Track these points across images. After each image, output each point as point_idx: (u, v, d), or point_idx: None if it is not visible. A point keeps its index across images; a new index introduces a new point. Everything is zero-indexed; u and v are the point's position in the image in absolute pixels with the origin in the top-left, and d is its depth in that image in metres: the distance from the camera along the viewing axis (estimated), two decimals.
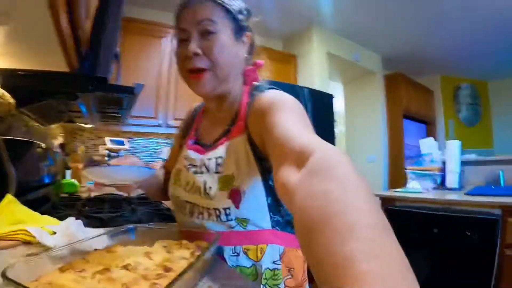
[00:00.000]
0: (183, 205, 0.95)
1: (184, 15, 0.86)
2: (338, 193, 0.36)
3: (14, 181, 1.32)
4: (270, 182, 0.84)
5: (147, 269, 0.62)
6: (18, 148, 1.49)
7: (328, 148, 0.49)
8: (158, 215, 1.51)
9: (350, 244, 0.30)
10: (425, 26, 4.45)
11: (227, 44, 0.86)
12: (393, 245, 0.31)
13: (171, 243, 0.79)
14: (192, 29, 0.85)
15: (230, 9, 0.87)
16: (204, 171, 0.89)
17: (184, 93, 3.59)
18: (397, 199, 2.76)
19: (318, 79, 4.47)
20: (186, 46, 0.85)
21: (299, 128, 0.65)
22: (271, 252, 0.85)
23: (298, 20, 4.44)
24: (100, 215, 1.38)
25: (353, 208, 0.34)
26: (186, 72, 0.88)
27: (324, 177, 0.40)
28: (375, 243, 0.30)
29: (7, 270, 0.52)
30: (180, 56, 0.88)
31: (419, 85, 6.29)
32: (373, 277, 0.27)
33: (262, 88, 0.91)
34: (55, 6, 0.76)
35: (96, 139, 3.76)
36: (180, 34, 0.88)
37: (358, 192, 0.37)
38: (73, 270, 0.60)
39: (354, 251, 0.29)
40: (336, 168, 0.41)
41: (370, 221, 0.32)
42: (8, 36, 1.08)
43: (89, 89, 1.29)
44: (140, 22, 3.55)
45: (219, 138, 0.93)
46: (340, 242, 0.30)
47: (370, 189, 0.38)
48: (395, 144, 5.56)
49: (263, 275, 0.83)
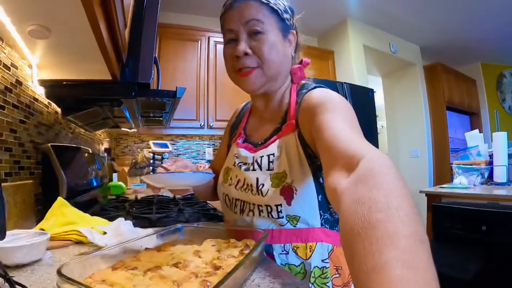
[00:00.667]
0: (233, 203, 0.95)
1: (230, 16, 0.87)
2: (383, 201, 0.38)
3: (64, 184, 1.39)
4: (320, 180, 0.84)
5: (197, 267, 0.63)
6: (66, 153, 1.56)
7: (375, 154, 0.51)
8: (204, 215, 1.54)
9: (389, 251, 0.32)
10: (462, 12, 4.23)
11: (275, 44, 0.86)
12: (427, 256, 0.32)
13: (220, 242, 0.80)
14: (239, 29, 0.86)
15: (276, 8, 0.87)
16: (256, 168, 0.90)
17: (225, 94, 3.65)
18: (443, 195, 2.65)
19: (356, 74, 4.38)
20: (235, 46, 0.86)
21: (347, 130, 0.66)
22: (320, 250, 0.84)
23: (331, 15, 4.37)
24: (148, 215, 1.42)
25: (395, 218, 0.35)
26: (235, 71, 0.89)
27: (371, 184, 0.42)
28: (411, 254, 0.31)
29: (63, 267, 0.53)
30: (229, 56, 0.89)
31: (461, 74, 5.98)
32: (405, 283, 0.28)
33: (309, 86, 0.92)
34: (93, 16, 0.78)
35: (140, 142, 3.90)
36: (228, 35, 0.89)
37: (402, 201, 0.38)
38: (125, 268, 0.62)
39: (391, 259, 0.31)
40: (382, 175, 0.43)
41: (409, 231, 0.34)
42: (50, 49, 1.13)
43: (132, 95, 1.33)
44: (176, 27, 3.63)
45: (269, 137, 0.93)
46: (379, 249, 0.32)
47: (411, 196, 0.40)
48: (439, 138, 5.33)
49: (312, 273, 0.82)
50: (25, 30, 0.97)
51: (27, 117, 1.31)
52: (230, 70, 0.92)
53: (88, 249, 0.92)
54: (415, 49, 5.44)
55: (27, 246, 0.75)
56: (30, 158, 1.33)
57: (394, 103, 5.83)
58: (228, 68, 0.92)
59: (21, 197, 1.18)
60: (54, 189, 1.37)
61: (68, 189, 1.41)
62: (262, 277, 0.67)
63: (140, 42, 1.34)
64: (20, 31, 1.02)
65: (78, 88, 1.31)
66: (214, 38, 3.74)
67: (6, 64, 1.15)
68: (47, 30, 0.96)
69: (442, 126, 5.32)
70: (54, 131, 1.65)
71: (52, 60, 1.24)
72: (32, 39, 1.03)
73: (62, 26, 0.96)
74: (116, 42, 1.05)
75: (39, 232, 0.88)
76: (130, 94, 1.32)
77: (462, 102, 5.83)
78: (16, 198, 1.14)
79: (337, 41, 4.66)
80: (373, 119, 3.80)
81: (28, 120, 1.33)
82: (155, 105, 1.66)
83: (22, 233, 0.85)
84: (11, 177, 1.17)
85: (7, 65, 1.15)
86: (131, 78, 1.31)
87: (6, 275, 0.58)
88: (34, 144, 1.38)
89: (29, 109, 1.33)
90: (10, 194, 1.10)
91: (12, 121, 1.19)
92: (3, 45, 1.11)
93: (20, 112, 1.26)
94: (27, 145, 1.31)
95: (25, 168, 1.29)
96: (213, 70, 3.68)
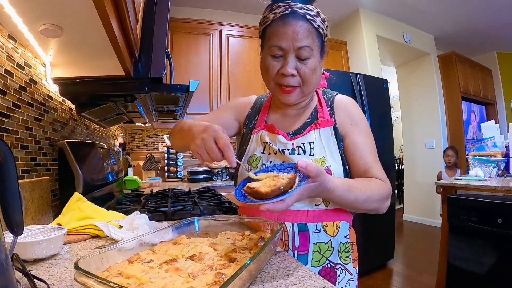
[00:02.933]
0: None
1: (282, 33, 0.89)
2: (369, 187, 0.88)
3: (80, 180, 1.41)
4: (346, 167, 0.98)
5: (212, 260, 0.63)
6: (82, 149, 1.58)
7: (383, 181, 0.94)
8: (219, 208, 1.55)
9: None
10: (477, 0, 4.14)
11: (316, 67, 0.93)
12: (355, 198, 0.85)
13: (235, 234, 0.80)
14: (290, 50, 0.89)
15: (322, 34, 0.93)
16: (301, 153, 0.96)
17: (238, 87, 3.67)
18: (458, 187, 2.61)
19: (369, 64, 4.34)
20: (282, 64, 0.91)
21: (368, 155, 0.97)
22: (343, 228, 0.97)
23: (343, 5, 4.33)
24: (164, 209, 1.43)
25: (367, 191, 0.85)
26: (276, 85, 0.96)
27: (366, 182, 0.91)
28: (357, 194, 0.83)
29: (80, 261, 0.54)
30: (273, 68, 0.93)
31: (476, 64, 5.85)
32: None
33: (329, 91, 1.11)
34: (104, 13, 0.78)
35: (155, 137, 3.94)
36: (276, 50, 0.91)
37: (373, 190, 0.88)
38: (141, 261, 0.62)
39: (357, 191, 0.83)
40: (374, 182, 0.92)
41: (365, 195, 0.85)
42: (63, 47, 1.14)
43: (145, 90, 1.34)
44: (187, 21, 3.64)
45: (301, 128, 1.02)
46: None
47: (376, 194, 0.89)
48: (454, 128, 5.26)
49: (338, 249, 0.96)
50: (37, 29, 0.98)
51: (42, 114, 1.34)
52: (270, 81, 0.96)
53: (104, 243, 0.93)
54: (429, 39, 5.35)
55: (44, 241, 0.76)
56: (46, 155, 1.35)
57: (408, 94, 5.77)
58: (268, 78, 0.96)
59: (38, 193, 1.21)
60: (71, 185, 1.40)
61: (84, 184, 1.43)
62: (276, 270, 0.68)
63: (152, 37, 1.34)
64: (33, 31, 1.03)
65: (91, 84, 1.32)
66: (226, 31, 3.74)
67: (20, 64, 1.16)
68: (59, 28, 0.97)
69: (458, 117, 5.24)
70: (69, 128, 1.68)
71: (65, 58, 1.26)
72: (44, 38, 1.04)
73: (74, 24, 0.96)
74: (128, 38, 1.06)
75: (56, 227, 0.90)
76: (144, 89, 1.33)
77: (478, 92, 5.72)
78: (33, 194, 1.16)
79: (350, 32, 4.61)
80: (387, 110, 3.75)
81: (43, 117, 1.35)
82: (169, 99, 1.67)
83: (40, 228, 0.87)
84: (28, 174, 1.19)
85: (21, 64, 1.17)
86: (144, 73, 1.31)
87: (24, 269, 0.59)
88: (50, 141, 1.40)
89: (44, 107, 1.35)
90: (27, 191, 1.12)
91: (28, 119, 1.21)
92: (16, 45, 1.13)
93: (35, 110, 1.28)
94: (43, 142, 1.34)
95: (42, 165, 1.31)
96: (226, 63, 3.69)
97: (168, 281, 0.53)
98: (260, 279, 0.62)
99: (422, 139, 5.45)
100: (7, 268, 0.44)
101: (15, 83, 1.12)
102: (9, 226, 0.52)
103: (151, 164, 3.50)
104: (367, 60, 4.35)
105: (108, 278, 0.53)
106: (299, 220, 0.93)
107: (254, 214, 1.02)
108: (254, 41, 3.81)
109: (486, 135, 3.05)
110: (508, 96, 6.01)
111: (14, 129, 1.10)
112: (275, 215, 0.93)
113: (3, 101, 1.04)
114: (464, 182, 2.59)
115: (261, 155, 1.01)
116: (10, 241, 0.55)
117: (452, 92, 5.31)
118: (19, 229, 0.53)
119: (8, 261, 0.44)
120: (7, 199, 0.50)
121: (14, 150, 1.10)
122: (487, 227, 2.23)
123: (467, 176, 2.81)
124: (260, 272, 0.65)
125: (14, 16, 0.93)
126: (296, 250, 0.92)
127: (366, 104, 3.32)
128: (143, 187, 2.83)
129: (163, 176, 3.63)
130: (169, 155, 3.58)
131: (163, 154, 3.71)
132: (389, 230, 3.70)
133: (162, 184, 3.20)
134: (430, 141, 5.30)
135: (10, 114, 1.08)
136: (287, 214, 0.93)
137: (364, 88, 3.35)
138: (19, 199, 0.52)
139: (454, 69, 5.32)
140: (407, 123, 5.80)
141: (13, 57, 1.11)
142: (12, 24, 0.98)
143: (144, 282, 0.53)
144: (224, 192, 2.18)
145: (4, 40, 1.05)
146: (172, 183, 3.25)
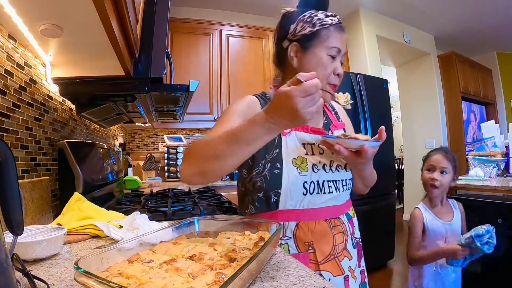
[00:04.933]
0: (324, 186, 1.02)
1: (340, 37, 1.01)
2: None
3: (80, 180, 1.41)
4: None
5: (212, 260, 0.63)
6: (82, 149, 1.58)
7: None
8: (219, 208, 1.55)
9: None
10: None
11: None
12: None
13: (235, 234, 0.80)
14: (341, 53, 1.01)
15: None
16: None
17: (238, 87, 3.67)
18: (458, 187, 2.60)
19: (369, 64, 4.34)
20: (334, 63, 1.00)
21: None
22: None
23: (343, 5, 4.32)
24: (164, 209, 1.43)
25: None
26: (328, 83, 1.02)
27: None
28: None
29: (80, 261, 0.54)
30: (331, 68, 1.00)
31: (476, 64, 5.84)
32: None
33: None
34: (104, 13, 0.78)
35: (155, 137, 3.95)
36: (334, 50, 1.00)
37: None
38: (141, 261, 0.62)
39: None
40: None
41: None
42: (63, 47, 1.14)
43: (145, 90, 1.34)
44: (187, 21, 3.65)
45: (325, 127, 1.12)
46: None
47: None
48: (454, 128, 5.25)
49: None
50: (37, 29, 0.98)
51: (42, 114, 1.33)
52: (325, 78, 1.00)
53: (104, 243, 0.93)
54: (429, 39, 5.35)
55: (44, 241, 0.76)
56: (46, 155, 1.35)
57: (408, 94, 5.76)
58: (323, 75, 1.00)
59: (38, 193, 1.21)
60: (71, 185, 1.40)
61: (84, 184, 1.43)
62: (276, 269, 0.68)
63: (152, 37, 1.34)
64: (33, 31, 1.03)
65: (91, 84, 1.32)
66: (226, 31, 3.74)
67: (20, 64, 1.16)
68: (59, 28, 0.97)
69: (458, 116, 5.23)
70: (69, 128, 1.68)
71: (65, 58, 1.26)
72: (44, 38, 1.04)
73: (74, 24, 0.97)
74: (128, 38, 1.06)
75: (56, 227, 0.90)
76: (144, 89, 1.33)
77: (478, 92, 5.71)
78: (33, 194, 1.16)
79: (349, 32, 4.55)
80: (387, 110, 3.75)
81: (43, 117, 1.35)
82: (169, 99, 1.67)
83: (40, 229, 0.87)
84: (28, 174, 1.19)
85: (21, 64, 1.17)
86: (144, 73, 1.32)
87: (24, 269, 0.59)
88: (50, 141, 1.40)
89: (44, 107, 1.35)
90: (27, 191, 1.12)
91: (28, 119, 1.21)
92: (16, 45, 1.13)
93: (35, 110, 1.28)
94: (43, 142, 1.34)
95: (42, 165, 1.31)
96: (226, 63, 3.69)
97: (168, 281, 0.53)
98: (260, 279, 0.62)
99: (422, 139, 5.44)
100: (7, 268, 0.44)
101: (15, 83, 1.12)
102: (9, 226, 0.52)
103: (151, 164, 3.50)
104: (367, 60, 4.35)
105: (108, 278, 0.53)
106: (343, 212, 1.05)
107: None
108: (254, 41, 3.82)
109: (486, 135, 3.05)
110: (508, 96, 5.99)
111: (14, 129, 1.10)
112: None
113: (3, 101, 1.04)
114: (464, 182, 2.59)
115: (306, 157, 1.02)
116: (10, 241, 0.55)
117: (452, 92, 5.30)
118: (19, 229, 0.53)
119: (8, 261, 0.44)
120: (7, 199, 0.50)
121: (14, 150, 1.10)
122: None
123: (467, 176, 2.81)
124: (260, 272, 0.65)
125: (14, 16, 0.93)
126: (354, 238, 1.07)
127: (366, 104, 3.33)
128: (143, 187, 2.83)
129: (163, 176, 3.62)
130: (169, 155, 3.58)
131: (163, 154, 3.71)
132: (389, 230, 3.70)
133: (162, 184, 3.20)
134: (430, 141, 5.28)
135: (10, 114, 1.08)
136: (334, 211, 1.03)
137: (364, 88, 3.35)
138: (19, 199, 0.52)
139: (454, 69, 5.30)
140: (407, 123, 5.78)
141: (13, 57, 1.11)
142: (12, 24, 0.98)
143: (144, 282, 0.53)
144: (224, 192, 2.18)
145: (4, 40, 1.05)
146: (172, 183, 3.25)
